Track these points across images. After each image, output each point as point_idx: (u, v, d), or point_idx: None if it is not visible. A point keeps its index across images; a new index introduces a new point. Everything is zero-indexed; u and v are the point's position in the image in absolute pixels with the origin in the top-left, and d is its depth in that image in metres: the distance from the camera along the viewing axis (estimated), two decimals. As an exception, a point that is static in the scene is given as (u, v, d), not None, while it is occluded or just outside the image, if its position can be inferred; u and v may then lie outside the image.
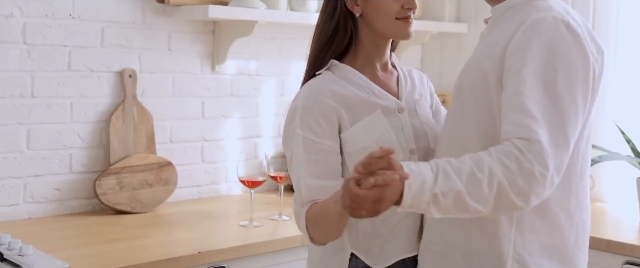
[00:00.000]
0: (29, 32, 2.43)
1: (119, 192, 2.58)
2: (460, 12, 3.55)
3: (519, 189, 1.36)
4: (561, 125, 1.39)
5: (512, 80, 1.42)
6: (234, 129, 2.99)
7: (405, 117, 1.71)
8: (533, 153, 1.35)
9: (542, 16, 1.46)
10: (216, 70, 2.90)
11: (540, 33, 1.43)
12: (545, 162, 1.35)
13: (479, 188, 1.36)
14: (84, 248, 2.17)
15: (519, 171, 1.35)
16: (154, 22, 2.71)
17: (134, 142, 2.66)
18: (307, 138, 1.63)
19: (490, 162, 1.36)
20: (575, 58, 1.43)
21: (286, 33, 3.10)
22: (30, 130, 2.47)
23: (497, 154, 1.37)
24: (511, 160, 1.35)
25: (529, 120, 1.37)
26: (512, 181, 1.35)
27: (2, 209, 2.43)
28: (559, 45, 1.42)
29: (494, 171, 1.35)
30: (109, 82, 2.63)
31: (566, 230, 1.54)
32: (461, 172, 1.36)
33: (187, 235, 2.36)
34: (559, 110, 1.40)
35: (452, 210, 1.38)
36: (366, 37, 1.72)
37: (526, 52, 1.42)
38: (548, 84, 1.40)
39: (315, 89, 1.66)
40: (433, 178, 1.36)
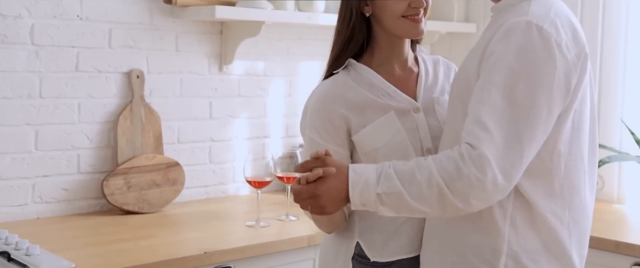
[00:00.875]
0: (37, 33, 2.45)
1: (127, 192, 2.59)
2: (469, 12, 3.54)
3: (458, 192, 1.40)
4: (515, 131, 1.41)
5: (479, 84, 1.45)
6: (242, 129, 2.99)
7: (421, 117, 1.73)
8: (472, 158, 1.39)
9: (517, 21, 1.46)
10: (224, 71, 2.90)
11: (511, 38, 1.44)
12: (482, 168, 1.38)
13: (419, 190, 1.42)
14: (90, 248, 2.18)
15: (457, 174, 1.40)
16: (161, 23, 2.72)
17: (141, 143, 2.66)
18: (313, 139, 1.72)
19: (431, 165, 1.43)
20: (541, 64, 1.43)
21: (294, 33, 3.10)
22: (39, 131, 2.48)
23: (440, 157, 1.43)
24: (451, 163, 1.41)
25: (477, 127, 1.41)
26: (450, 183, 1.40)
27: (10, 209, 2.45)
28: (526, 50, 1.43)
29: (433, 173, 1.41)
30: (116, 82, 2.64)
31: (558, 230, 1.54)
32: (403, 174, 1.44)
33: (194, 235, 2.37)
34: (515, 115, 1.41)
35: (399, 210, 1.46)
36: (381, 36, 1.75)
37: (496, 57, 1.44)
38: (509, 88, 1.42)
39: (326, 94, 1.73)
40: (376, 179, 1.45)
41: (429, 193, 1.42)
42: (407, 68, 1.79)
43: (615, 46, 3.04)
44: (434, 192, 1.41)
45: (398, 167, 1.46)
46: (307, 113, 1.75)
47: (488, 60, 1.45)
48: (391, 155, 1.65)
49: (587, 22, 3.09)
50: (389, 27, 1.71)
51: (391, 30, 1.72)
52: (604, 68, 3.09)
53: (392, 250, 1.72)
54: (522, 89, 1.41)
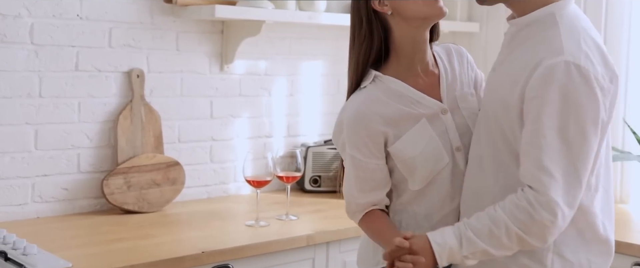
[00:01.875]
0: (37, 32, 2.45)
1: (127, 191, 2.59)
2: (472, 11, 3.52)
3: (534, 236, 1.56)
4: (573, 167, 1.55)
5: (530, 129, 1.56)
6: (243, 128, 2.99)
7: (449, 118, 1.77)
8: (542, 204, 1.53)
9: (554, 63, 1.54)
10: (225, 70, 2.90)
11: (553, 81, 1.53)
12: (553, 211, 1.53)
13: (499, 242, 1.58)
14: (88, 247, 2.18)
15: (531, 222, 1.55)
16: (161, 22, 2.72)
17: (141, 142, 2.66)
18: (355, 157, 1.77)
19: (505, 219, 1.57)
20: (584, 101, 1.54)
21: (296, 33, 3.09)
22: (38, 130, 2.48)
23: (510, 208, 1.57)
24: (522, 213, 1.55)
25: (540, 172, 1.53)
26: (526, 231, 1.56)
27: (10, 209, 2.45)
28: (570, 91, 1.53)
29: (509, 226, 1.57)
30: (116, 82, 2.64)
31: (596, 220, 1.67)
32: (481, 233, 1.59)
33: (193, 235, 2.37)
34: (572, 153, 1.54)
35: (483, 258, 1.62)
36: (403, 36, 1.74)
37: (541, 102, 1.54)
38: (561, 131, 1.54)
39: (363, 112, 1.75)
40: (458, 245, 1.60)
41: (510, 243, 1.58)
42: (430, 71, 1.80)
43: (618, 47, 3.01)
44: (513, 241, 1.58)
45: (474, 226, 1.60)
46: (342, 129, 1.78)
47: (533, 102, 1.55)
48: (426, 161, 1.75)
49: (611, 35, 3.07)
50: (413, 14, 1.70)
51: (416, 16, 1.70)
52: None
53: None
54: (573, 128, 1.54)
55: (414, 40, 1.75)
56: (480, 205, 1.66)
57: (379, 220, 1.81)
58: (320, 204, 2.88)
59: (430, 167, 1.75)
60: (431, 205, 1.78)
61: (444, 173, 1.76)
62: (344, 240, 2.49)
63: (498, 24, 3.39)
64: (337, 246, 2.50)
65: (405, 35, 1.74)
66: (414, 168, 1.76)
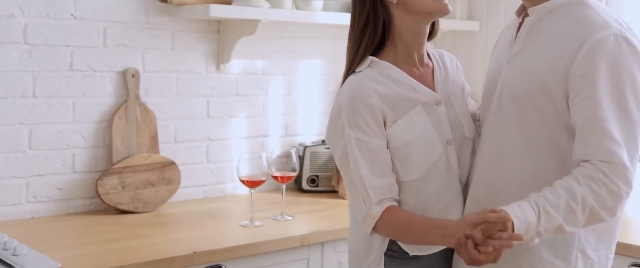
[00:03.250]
0: (30, 32, 2.44)
1: (121, 191, 2.59)
2: (472, 10, 3.50)
3: (607, 209, 1.54)
4: (633, 135, 1.55)
5: (586, 104, 1.55)
6: (240, 128, 2.98)
7: (443, 110, 1.77)
8: (617, 175, 1.52)
9: (604, 36, 1.55)
10: (221, 70, 2.89)
11: (605, 54, 1.54)
12: (629, 181, 1.53)
13: (574, 217, 1.54)
14: (80, 248, 2.18)
15: (608, 194, 1.53)
16: (157, 22, 2.71)
17: (136, 142, 2.66)
18: (359, 139, 1.70)
19: (582, 191, 1.53)
20: (635, 72, 1.56)
21: (293, 32, 3.08)
22: (32, 130, 2.48)
23: (586, 181, 1.53)
24: (599, 186, 1.52)
25: (611, 143, 1.52)
26: (602, 204, 1.53)
27: (4, 209, 2.45)
28: (623, 63, 1.55)
29: (586, 199, 1.53)
30: (111, 81, 2.63)
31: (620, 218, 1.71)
32: (558, 207, 1.53)
33: (186, 235, 2.36)
34: (631, 123, 1.55)
35: (550, 236, 1.57)
36: (405, 25, 1.74)
37: (595, 75, 1.54)
38: (619, 101, 1.54)
39: (359, 90, 1.73)
40: (536, 219, 1.53)
41: (583, 217, 1.54)
42: (424, 63, 1.81)
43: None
44: (586, 215, 1.54)
45: (551, 200, 1.54)
46: (341, 113, 1.72)
47: (585, 78, 1.54)
48: (422, 148, 1.72)
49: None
50: (420, 8, 1.71)
51: (423, 10, 1.71)
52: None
53: (427, 246, 1.75)
54: (631, 97, 1.55)
55: (414, 32, 1.75)
56: (499, 198, 1.64)
57: (406, 213, 1.72)
58: (317, 204, 2.86)
59: (426, 156, 1.73)
60: (429, 200, 1.75)
61: (438, 165, 1.75)
62: (339, 240, 2.47)
63: (498, 22, 3.37)
64: (332, 246, 2.48)
65: (406, 26, 1.74)
66: (409, 156, 1.73)
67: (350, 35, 1.80)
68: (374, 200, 1.70)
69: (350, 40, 1.80)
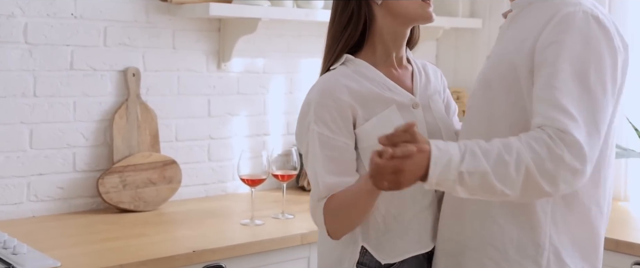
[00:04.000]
0: (31, 31, 2.45)
1: (122, 190, 2.59)
2: (475, 8, 3.49)
3: (547, 174, 1.37)
4: (593, 116, 1.42)
5: (545, 73, 1.44)
6: (241, 127, 2.98)
7: (420, 113, 1.72)
8: (565, 142, 1.37)
9: (572, 10, 1.48)
10: (222, 68, 2.89)
11: (572, 27, 1.45)
12: (580, 154, 1.37)
13: (506, 171, 1.38)
14: (80, 247, 2.18)
15: (549, 156, 1.37)
16: (157, 21, 2.71)
17: (137, 141, 2.66)
18: (323, 134, 1.64)
19: (519, 146, 1.39)
20: (604, 52, 1.46)
21: (294, 30, 3.07)
22: (33, 130, 2.48)
23: (527, 139, 1.40)
24: (541, 146, 1.37)
25: (562, 114, 1.39)
26: (540, 165, 1.37)
27: (5, 208, 2.45)
28: (590, 39, 1.45)
29: (522, 155, 1.38)
30: (112, 80, 2.64)
31: (597, 223, 1.57)
32: (489, 154, 1.39)
33: (186, 234, 2.36)
34: (592, 102, 1.42)
35: (478, 191, 1.41)
36: (386, 27, 1.71)
37: (560, 46, 1.45)
38: (582, 76, 1.43)
39: (330, 85, 1.67)
40: (460, 156, 1.39)
41: (516, 175, 1.38)
42: (403, 65, 1.78)
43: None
44: (521, 174, 1.38)
45: (482, 146, 1.41)
46: (310, 109, 1.66)
47: (547, 50, 1.45)
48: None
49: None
50: (404, 12, 1.68)
51: (406, 15, 1.68)
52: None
53: (402, 249, 1.70)
54: (594, 75, 1.43)
55: (395, 34, 1.73)
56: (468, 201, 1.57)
57: (340, 192, 1.62)
58: (318, 203, 2.85)
59: None
60: (401, 204, 1.68)
61: None
62: (340, 239, 2.47)
63: (501, 19, 3.34)
64: (333, 245, 2.48)
65: (387, 27, 1.71)
66: None
67: (329, 32, 1.75)
68: (322, 195, 1.64)
69: (328, 38, 1.75)
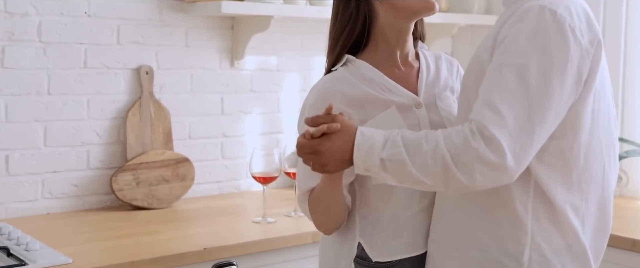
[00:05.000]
0: (45, 30, 2.47)
1: (136, 187, 2.60)
2: (490, 4, 3.46)
3: (463, 165, 1.38)
4: (527, 113, 1.39)
5: (490, 67, 1.44)
6: (255, 124, 2.98)
7: (423, 113, 1.69)
8: (483, 136, 1.37)
9: (530, 5, 1.45)
10: (235, 66, 2.89)
11: (524, 21, 1.43)
12: (497, 149, 1.36)
13: (423, 160, 1.41)
14: (92, 243, 2.19)
15: (464, 147, 1.38)
16: (170, 19, 2.72)
17: (150, 139, 2.67)
18: None
19: (439, 137, 1.41)
20: (554, 46, 1.41)
21: (308, 28, 3.07)
22: (48, 127, 2.50)
23: (449, 131, 1.42)
24: (459, 137, 1.39)
25: (488, 109, 1.39)
26: (456, 156, 1.38)
27: (20, 205, 2.48)
28: (539, 32, 1.41)
29: (439, 144, 1.40)
30: (125, 79, 2.65)
31: (575, 223, 1.53)
32: (409, 142, 1.43)
33: (198, 231, 2.36)
34: (527, 97, 1.39)
35: (401, 179, 1.45)
36: (388, 23, 1.69)
37: (508, 40, 1.43)
38: (521, 70, 1.40)
39: (325, 89, 1.69)
40: (382, 144, 1.43)
41: (434, 165, 1.40)
42: (408, 63, 1.75)
43: (634, 39, 2.95)
44: (438, 164, 1.40)
45: (406, 135, 1.45)
46: (304, 110, 1.71)
47: (501, 44, 1.44)
48: None
49: (610, 18, 3.01)
50: (404, 5, 1.65)
51: (408, 8, 1.66)
52: (628, 62, 3.01)
53: (394, 250, 1.69)
54: (535, 71, 1.40)
55: (398, 30, 1.70)
56: (457, 199, 1.56)
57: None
58: (331, 200, 2.85)
59: None
60: (398, 205, 1.67)
61: None
62: (352, 237, 2.47)
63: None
64: (345, 243, 2.47)
65: (390, 23, 1.69)
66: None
67: (330, 33, 1.74)
68: (303, 191, 1.70)
69: (330, 38, 1.74)
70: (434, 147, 1.40)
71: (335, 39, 1.73)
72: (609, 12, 3.02)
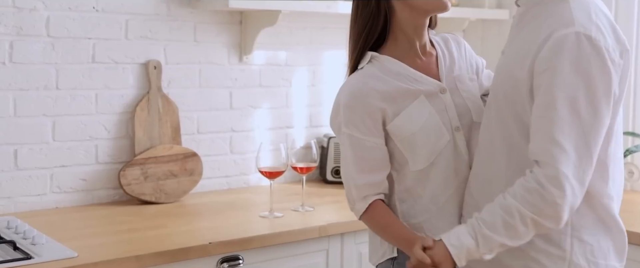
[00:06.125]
0: (53, 25, 2.48)
1: (144, 182, 2.61)
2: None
3: (548, 217, 1.52)
4: (584, 141, 1.51)
5: (541, 101, 1.53)
6: (264, 119, 2.98)
7: (448, 97, 1.79)
8: (550, 181, 1.49)
9: (564, 34, 1.52)
10: (244, 61, 2.89)
11: (564, 52, 1.51)
12: (561, 185, 1.49)
13: (515, 231, 1.55)
14: (99, 238, 2.20)
15: (544, 204, 1.51)
16: (179, 14, 2.72)
17: (159, 133, 2.68)
18: (353, 135, 1.76)
19: (517, 206, 1.53)
20: (597, 73, 1.51)
21: (317, 22, 3.06)
22: (56, 122, 2.52)
23: (521, 193, 1.53)
24: (534, 196, 1.51)
25: (552, 145, 1.50)
26: (540, 213, 1.52)
27: (30, 199, 2.49)
28: (581, 63, 1.50)
29: (522, 212, 1.53)
30: (134, 73, 2.66)
31: (610, 205, 1.66)
32: (495, 227, 1.55)
33: (205, 226, 2.37)
34: (583, 126, 1.51)
35: (502, 250, 1.59)
36: (404, 19, 1.77)
37: (552, 73, 1.51)
38: (572, 103, 1.50)
39: (359, 89, 1.76)
40: (475, 244, 1.56)
41: (526, 229, 1.54)
42: (427, 52, 1.84)
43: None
44: (529, 227, 1.54)
45: (487, 221, 1.56)
46: (340, 110, 1.78)
47: (543, 75, 1.52)
48: (428, 137, 1.75)
49: (622, 9, 2.98)
50: (419, 4, 1.75)
51: (420, 6, 1.75)
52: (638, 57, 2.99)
53: (441, 231, 1.75)
54: (584, 101, 1.50)
55: (415, 25, 1.79)
56: (491, 192, 1.64)
57: (387, 215, 1.79)
58: (340, 195, 2.84)
59: (432, 144, 1.76)
60: (436, 187, 1.78)
61: (445, 153, 1.77)
62: (359, 232, 2.46)
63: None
64: (352, 237, 2.47)
65: (407, 19, 1.78)
66: (415, 146, 1.76)
67: (351, 31, 1.83)
68: (356, 197, 1.79)
69: (351, 36, 1.83)
70: (519, 218, 1.53)
71: (356, 37, 1.82)
72: (621, 3, 2.98)
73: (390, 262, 1.85)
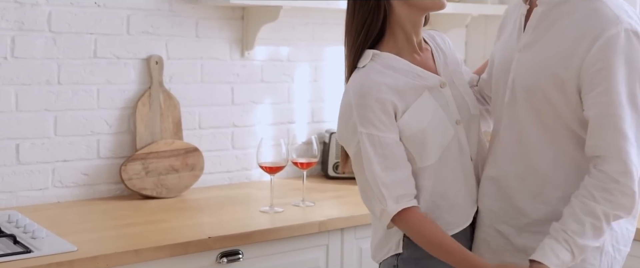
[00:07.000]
0: (55, 20, 2.49)
1: (145, 177, 2.62)
2: (504, -6, 3.43)
3: (628, 209, 1.62)
4: None
5: (600, 100, 1.59)
6: (265, 115, 2.99)
7: (448, 91, 1.81)
8: (627, 176, 1.58)
9: (615, 33, 1.58)
10: (245, 56, 2.90)
11: (618, 51, 1.58)
12: (633, 177, 1.59)
13: (601, 232, 1.62)
14: (99, 232, 2.21)
15: (624, 198, 1.60)
16: (180, 9, 2.73)
17: (160, 128, 2.69)
18: (371, 134, 1.73)
19: (602, 209, 1.60)
20: None
21: (319, 18, 3.07)
22: (58, 117, 2.53)
23: (601, 195, 1.60)
24: (615, 195, 1.59)
25: (623, 140, 1.58)
26: (622, 208, 1.61)
27: (31, 193, 2.51)
28: (634, 58, 1.59)
29: (607, 212, 1.60)
30: (135, 68, 2.66)
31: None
32: (586, 233, 1.61)
33: (205, 220, 2.38)
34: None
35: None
36: (403, 17, 1.78)
37: (608, 72, 1.58)
38: (631, 97, 1.59)
39: (369, 85, 1.74)
40: (571, 256, 1.62)
41: (607, 225, 1.62)
42: (423, 48, 1.85)
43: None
44: (611, 223, 1.63)
45: (577, 231, 1.61)
46: (352, 111, 1.74)
47: (597, 75, 1.58)
48: (435, 133, 1.76)
49: None
50: (417, 2, 1.76)
51: (418, 4, 1.76)
52: None
53: (451, 225, 1.80)
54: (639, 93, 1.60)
55: (413, 21, 1.80)
56: (526, 186, 1.71)
57: (436, 232, 1.72)
58: (341, 190, 2.85)
59: (439, 139, 1.77)
60: (444, 182, 1.79)
61: (451, 148, 1.79)
62: (359, 227, 2.47)
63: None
64: (353, 232, 2.47)
65: (405, 16, 1.78)
66: (424, 143, 1.76)
67: (348, 29, 1.81)
68: (389, 197, 1.72)
69: (349, 34, 1.81)
70: (605, 218, 1.61)
71: (355, 34, 1.80)
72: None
73: (394, 258, 1.84)
